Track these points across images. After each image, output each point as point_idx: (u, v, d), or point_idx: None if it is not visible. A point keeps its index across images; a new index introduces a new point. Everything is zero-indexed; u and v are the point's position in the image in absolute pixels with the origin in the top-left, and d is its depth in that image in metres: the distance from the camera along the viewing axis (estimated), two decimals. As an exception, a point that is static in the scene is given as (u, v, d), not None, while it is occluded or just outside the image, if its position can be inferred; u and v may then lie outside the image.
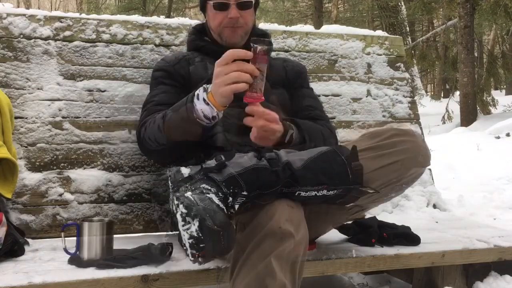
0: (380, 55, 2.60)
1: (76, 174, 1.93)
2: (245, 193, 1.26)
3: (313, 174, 1.35)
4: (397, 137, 1.50)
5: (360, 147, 1.45)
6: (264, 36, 1.93)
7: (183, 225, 1.19)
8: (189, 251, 1.20)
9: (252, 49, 1.40)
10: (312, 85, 2.01)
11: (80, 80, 2.05)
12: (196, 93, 1.48)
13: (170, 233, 1.92)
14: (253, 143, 1.53)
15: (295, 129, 1.62)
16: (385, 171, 1.45)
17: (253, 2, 1.80)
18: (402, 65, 2.64)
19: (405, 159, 1.47)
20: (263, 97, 1.42)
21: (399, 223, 1.84)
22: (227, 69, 1.38)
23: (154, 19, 2.27)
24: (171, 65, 1.82)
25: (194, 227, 1.17)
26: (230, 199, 1.25)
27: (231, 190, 1.26)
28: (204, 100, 1.44)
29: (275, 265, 1.21)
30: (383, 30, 2.99)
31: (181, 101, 1.54)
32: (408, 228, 1.81)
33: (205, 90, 1.46)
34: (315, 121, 1.78)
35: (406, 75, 2.64)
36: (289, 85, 1.87)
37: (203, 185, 1.25)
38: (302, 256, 1.28)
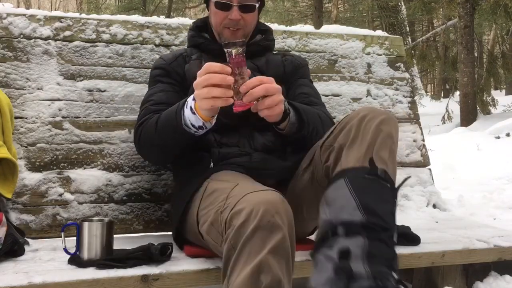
0: (380, 55, 2.60)
1: (76, 174, 1.93)
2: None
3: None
4: (358, 121, 1.40)
5: (351, 149, 1.38)
6: (266, 32, 1.92)
7: None
8: None
9: (226, 54, 1.38)
10: (312, 85, 2.01)
11: (80, 80, 2.05)
12: (186, 100, 1.50)
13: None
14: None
15: (291, 110, 1.60)
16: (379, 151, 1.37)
17: (257, 6, 1.78)
18: (402, 65, 2.64)
19: (374, 129, 1.37)
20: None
21: (399, 223, 1.83)
22: (201, 83, 1.39)
23: (154, 19, 2.27)
24: (168, 63, 1.81)
25: None
26: None
27: None
28: (191, 108, 1.47)
29: (270, 260, 1.17)
30: (383, 30, 2.99)
31: (173, 107, 1.55)
32: (408, 228, 1.81)
33: (194, 98, 1.47)
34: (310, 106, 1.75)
35: (406, 75, 2.64)
36: (287, 80, 1.85)
37: None
38: (291, 250, 1.23)
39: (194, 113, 1.47)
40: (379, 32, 2.72)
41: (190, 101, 1.49)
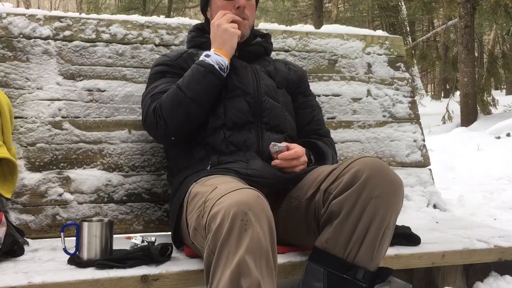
0: (381, 55, 2.59)
1: (75, 174, 1.93)
2: None
3: None
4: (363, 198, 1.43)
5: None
6: (265, 36, 1.96)
7: None
8: None
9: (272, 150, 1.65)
10: (312, 85, 2.02)
11: (80, 80, 2.05)
12: (202, 58, 1.69)
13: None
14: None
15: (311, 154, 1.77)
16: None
17: None
18: (402, 65, 2.64)
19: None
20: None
21: (399, 223, 1.83)
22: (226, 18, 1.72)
23: (154, 19, 2.26)
24: (173, 59, 1.84)
25: None
26: None
27: None
28: (215, 53, 1.69)
29: (248, 261, 1.17)
30: (383, 30, 2.99)
31: (190, 71, 1.69)
32: (408, 228, 1.81)
33: (208, 52, 1.70)
34: (323, 138, 1.89)
35: (406, 75, 2.64)
36: (291, 88, 1.91)
37: None
38: (271, 246, 1.24)
39: (218, 55, 1.68)
40: (380, 32, 2.72)
41: (210, 52, 1.69)
